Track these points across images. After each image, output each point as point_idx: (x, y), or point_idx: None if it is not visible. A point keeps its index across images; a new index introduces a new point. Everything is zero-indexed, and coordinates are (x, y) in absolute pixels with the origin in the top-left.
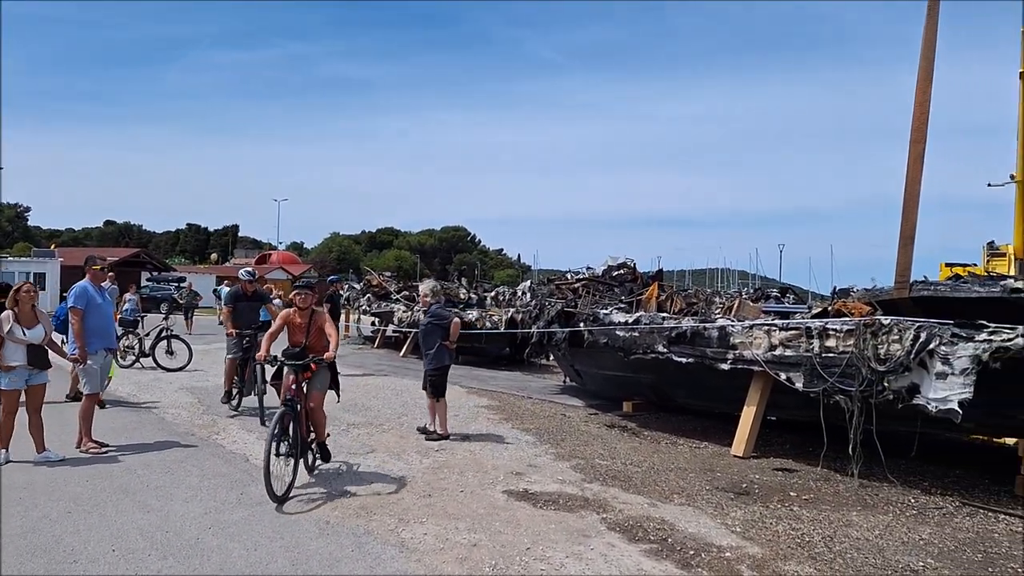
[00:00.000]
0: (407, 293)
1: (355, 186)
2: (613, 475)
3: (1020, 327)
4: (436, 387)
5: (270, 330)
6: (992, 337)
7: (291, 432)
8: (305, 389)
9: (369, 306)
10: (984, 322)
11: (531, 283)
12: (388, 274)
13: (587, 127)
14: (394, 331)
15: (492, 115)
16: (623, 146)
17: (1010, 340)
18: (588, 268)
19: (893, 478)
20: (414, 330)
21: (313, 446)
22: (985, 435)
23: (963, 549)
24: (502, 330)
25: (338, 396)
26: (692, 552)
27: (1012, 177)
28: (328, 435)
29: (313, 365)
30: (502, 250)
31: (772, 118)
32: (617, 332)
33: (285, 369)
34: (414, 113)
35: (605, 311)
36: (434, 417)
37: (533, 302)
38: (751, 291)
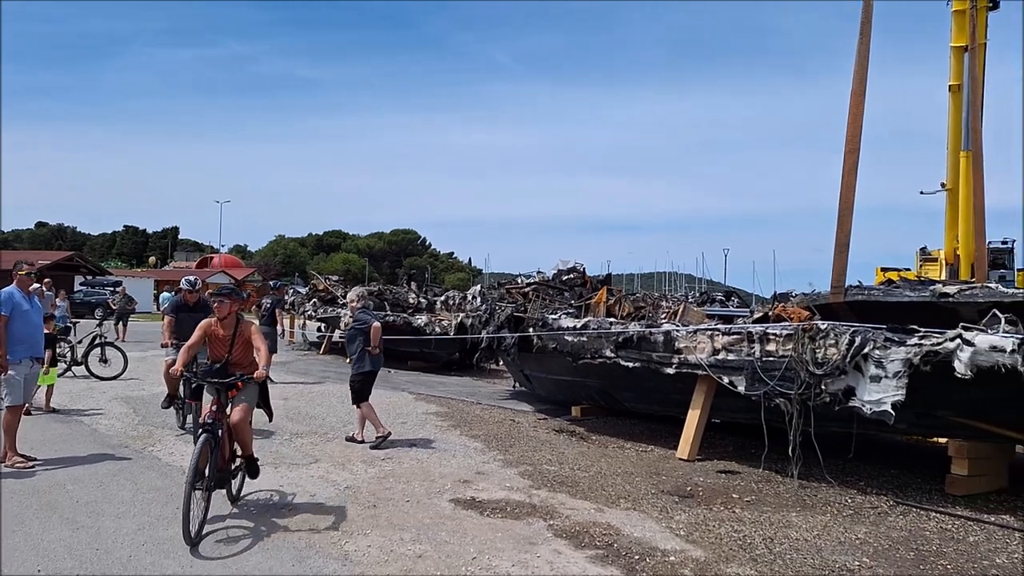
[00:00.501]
0: None
1: (302, 188)
2: (561, 481)
3: (949, 332)
4: (357, 393)
5: (188, 342)
6: (923, 341)
7: (210, 463)
8: (229, 407)
9: (315, 311)
10: (915, 327)
11: (481, 287)
12: (335, 278)
13: (540, 131)
14: (340, 336)
15: (444, 118)
16: (576, 151)
17: (939, 344)
18: (539, 272)
19: (831, 478)
20: None
21: (238, 462)
22: (918, 435)
23: (896, 547)
24: (451, 335)
25: (270, 416)
26: (637, 557)
27: (943, 185)
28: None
29: (239, 383)
30: (453, 253)
31: (719, 125)
32: (566, 337)
33: (205, 388)
34: (364, 115)
35: (554, 316)
36: (363, 425)
37: (483, 307)
38: (697, 295)
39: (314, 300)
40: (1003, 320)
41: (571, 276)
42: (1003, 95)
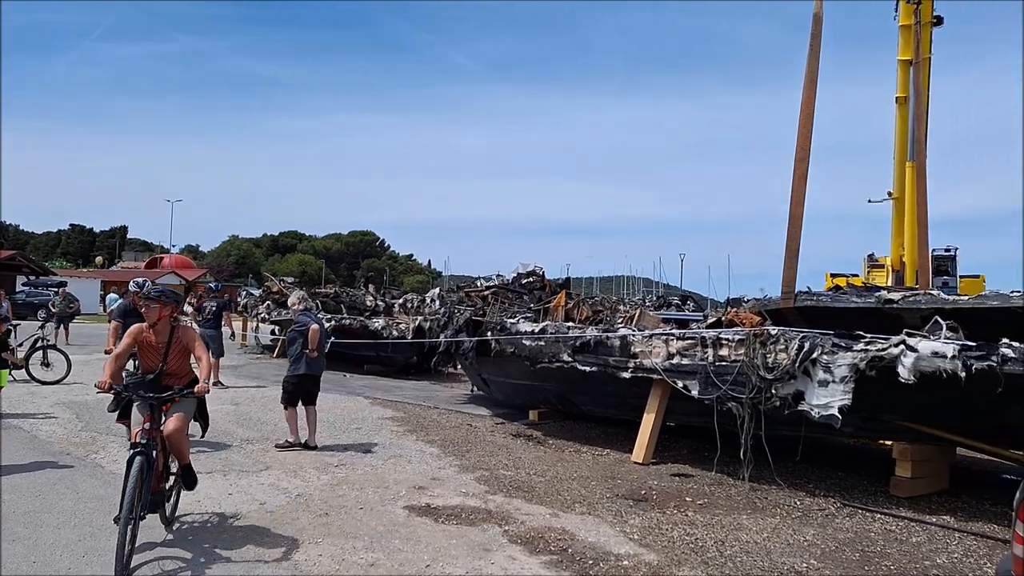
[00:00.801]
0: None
1: (258, 187)
2: (517, 486)
3: (893, 338)
4: (287, 395)
5: (116, 350)
6: (868, 347)
7: (143, 487)
8: (163, 420)
9: (268, 314)
10: (861, 333)
11: (440, 290)
12: (290, 280)
13: (501, 134)
14: None
15: (403, 119)
16: (536, 154)
17: (884, 350)
18: (499, 275)
19: (781, 481)
20: None
21: (171, 480)
22: (864, 438)
23: (843, 549)
24: (409, 339)
25: (204, 429)
26: (591, 562)
27: (889, 194)
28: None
29: (176, 397)
30: (412, 256)
31: (676, 131)
32: (524, 341)
33: (136, 403)
34: (323, 114)
35: (512, 320)
36: (294, 428)
37: (442, 310)
38: (654, 298)
39: (268, 302)
40: (944, 327)
41: (530, 280)
42: (948, 107)
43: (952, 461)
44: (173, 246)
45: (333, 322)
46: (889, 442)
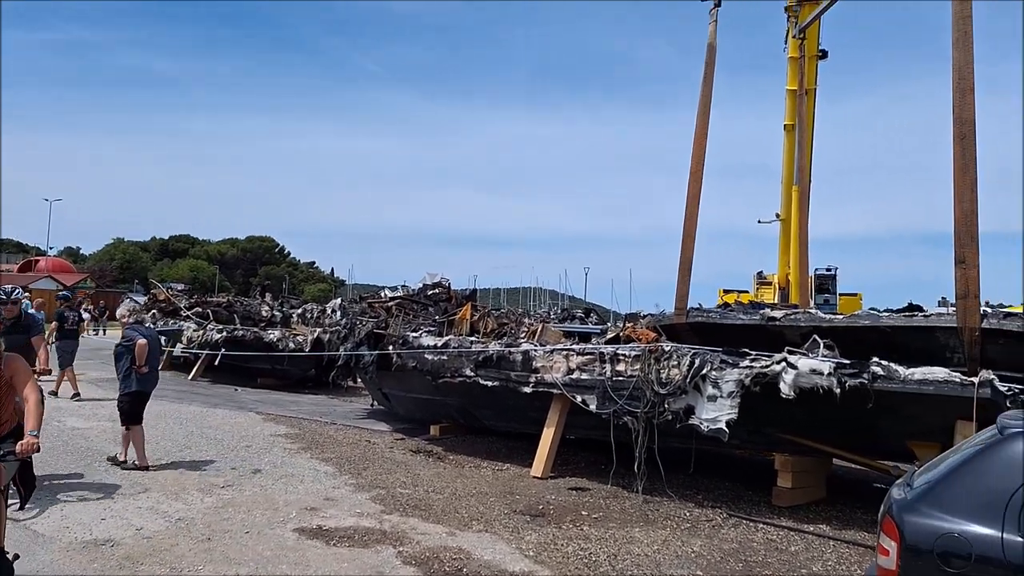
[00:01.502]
0: (200, 309)
1: (147, 188)
2: (414, 504)
3: (776, 355)
4: (124, 414)
5: None
6: (753, 364)
7: None
8: None
9: (154, 323)
10: (747, 350)
11: (342, 301)
12: (180, 287)
13: (409, 142)
14: (183, 352)
15: (308, 123)
16: (445, 164)
17: (767, 367)
18: (404, 285)
19: (672, 493)
20: (206, 352)
21: None
22: (750, 450)
23: (727, 560)
24: (307, 351)
25: (23, 500)
26: None
27: (777, 216)
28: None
29: None
30: (314, 263)
31: (582, 147)
32: (426, 355)
33: None
34: (221, 114)
35: (415, 334)
36: (127, 446)
37: (343, 321)
38: (559, 311)
39: (153, 312)
40: (822, 345)
41: (436, 291)
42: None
43: (829, 471)
44: (51, 248)
45: (224, 334)
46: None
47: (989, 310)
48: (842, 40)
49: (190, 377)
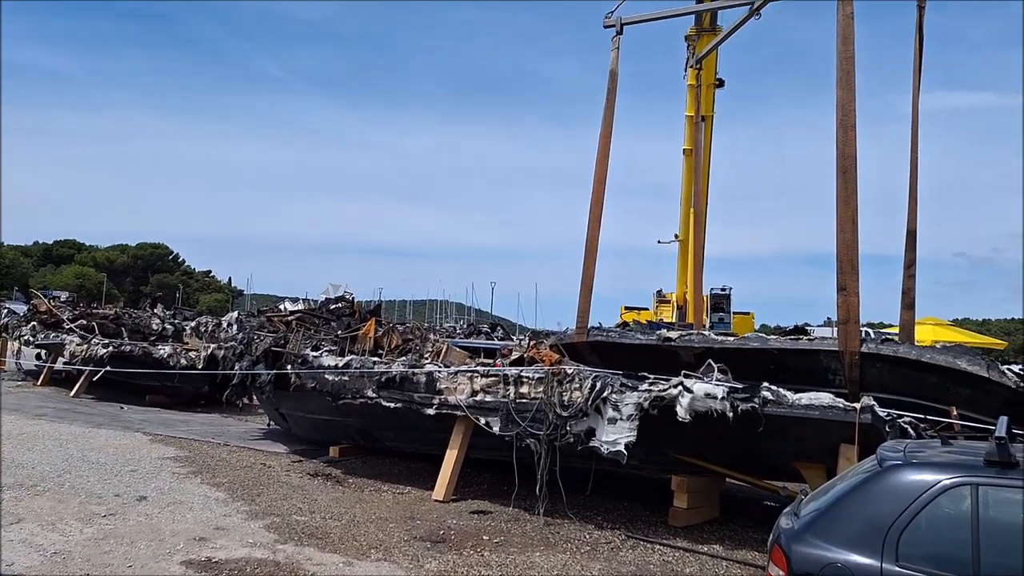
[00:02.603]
0: (85, 322)
1: (30, 189)
2: (310, 532)
3: (673, 379)
4: None
5: None
6: (651, 388)
7: None
8: None
9: (34, 336)
10: (645, 374)
11: (239, 314)
12: (64, 296)
13: (315, 151)
14: (64, 366)
15: (207, 126)
16: (352, 173)
17: (665, 391)
18: (306, 297)
19: (572, 514)
20: (89, 367)
21: None
22: (647, 471)
23: None
24: (200, 369)
25: None
26: None
27: (676, 236)
28: None
29: None
30: (211, 272)
31: (493, 161)
32: (326, 376)
33: None
34: (113, 113)
35: (315, 353)
36: None
37: (240, 336)
38: (465, 325)
39: (33, 323)
40: (716, 369)
41: (339, 305)
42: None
43: (722, 490)
44: None
45: (111, 348)
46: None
47: (871, 331)
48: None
49: (72, 394)
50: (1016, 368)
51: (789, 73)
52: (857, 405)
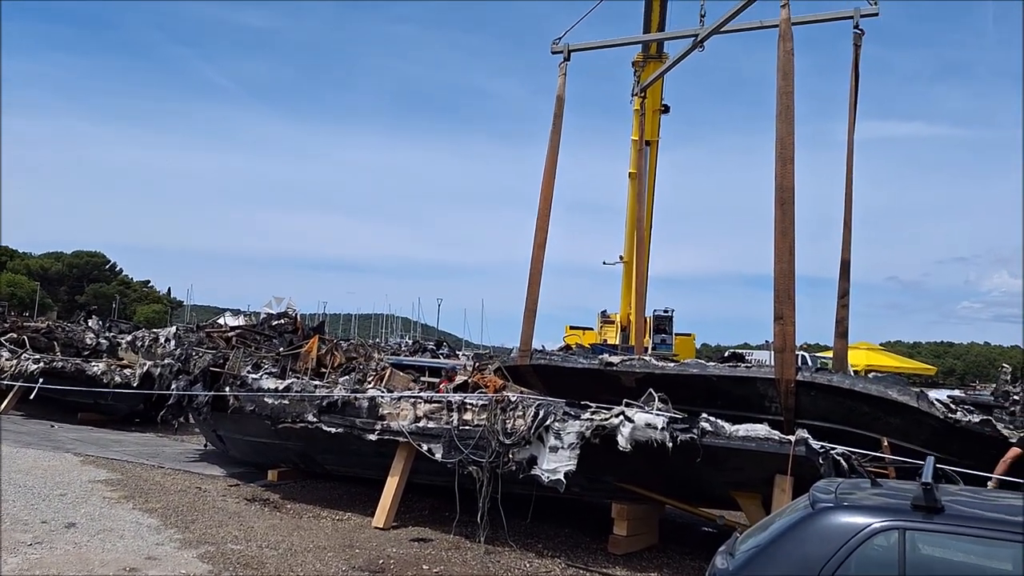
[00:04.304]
0: (15, 336)
1: None
2: (246, 562)
3: (615, 408)
4: None
5: None
6: (593, 416)
7: None
8: None
9: None
10: (588, 403)
11: (177, 329)
12: None
13: (258, 161)
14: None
15: (147, 134)
16: (297, 185)
17: (606, 420)
18: (248, 310)
19: (513, 542)
20: (19, 383)
21: None
22: (588, 498)
23: None
24: (135, 387)
25: None
26: None
27: (621, 258)
28: None
29: None
30: (149, 282)
31: (438, 177)
32: (266, 399)
33: None
34: (48, 118)
35: (255, 375)
36: None
37: (178, 351)
38: (410, 342)
39: None
40: (656, 399)
41: (282, 321)
42: (673, 178)
43: (661, 515)
44: None
45: (42, 364)
46: None
47: (807, 356)
48: (685, 93)
49: (0, 410)
50: (944, 395)
51: (734, 99)
52: (792, 437)
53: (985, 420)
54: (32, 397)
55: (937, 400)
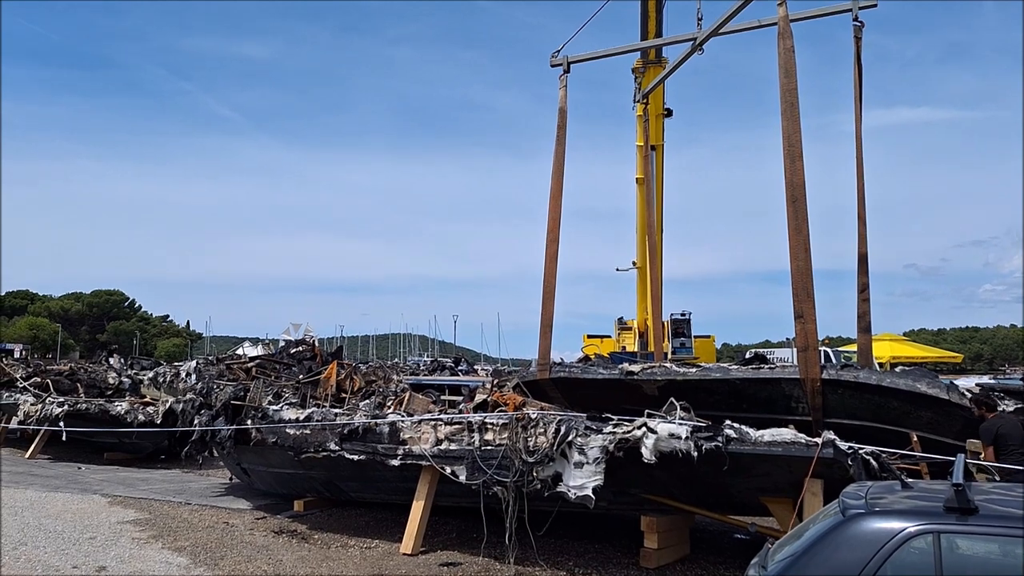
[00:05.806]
0: (39, 380)
1: None
2: None
3: (637, 420)
4: None
5: None
6: (616, 429)
7: None
8: None
9: None
10: (610, 415)
11: (198, 363)
12: (18, 350)
13: (267, 189)
14: (20, 426)
15: (156, 169)
16: (306, 210)
17: (629, 432)
18: (267, 338)
19: (543, 561)
20: (44, 426)
21: None
22: (616, 511)
23: None
24: (158, 424)
25: None
26: None
27: (634, 263)
28: None
29: None
30: (168, 316)
31: (445, 193)
32: (287, 430)
33: None
34: (59, 159)
35: (276, 406)
36: None
37: (199, 385)
38: (428, 361)
39: None
40: (679, 408)
41: (300, 349)
42: (683, 179)
43: (691, 525)
44: None
45: (66, 407)
46: None
47: (831, 352)
48: (687, 95)
49: (28, 455)
50: (973, 383)
51: (736, 97)
52: (819, 440)
53: (1020, 408)
54: (63, 439)
55: (967, 391)
